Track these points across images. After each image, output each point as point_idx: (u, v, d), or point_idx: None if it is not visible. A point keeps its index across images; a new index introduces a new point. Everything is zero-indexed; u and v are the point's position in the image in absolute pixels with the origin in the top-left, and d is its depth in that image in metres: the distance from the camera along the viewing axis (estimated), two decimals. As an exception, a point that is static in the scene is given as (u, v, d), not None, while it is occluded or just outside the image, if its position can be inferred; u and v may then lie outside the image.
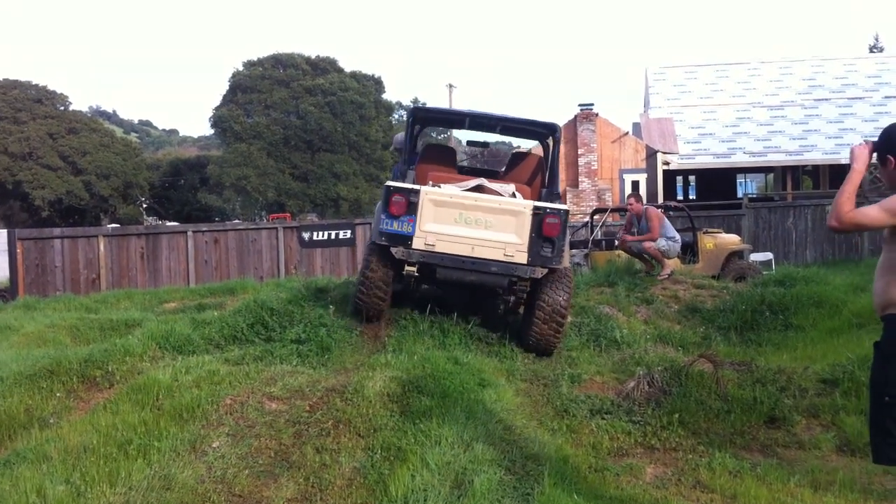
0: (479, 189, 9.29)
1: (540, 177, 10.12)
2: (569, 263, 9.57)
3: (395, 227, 8.73)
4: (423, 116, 10.51)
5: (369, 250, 9.29)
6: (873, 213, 4.02)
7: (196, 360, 7.71)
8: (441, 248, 8.74)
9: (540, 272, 8.73)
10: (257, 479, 5.60)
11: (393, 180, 9.29)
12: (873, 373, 4.17)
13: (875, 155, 4.20)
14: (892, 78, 37.15)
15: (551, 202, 9.21)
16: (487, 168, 10.59)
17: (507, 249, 8.70)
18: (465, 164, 10.80)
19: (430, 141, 10.03)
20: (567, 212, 8.87)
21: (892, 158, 4.09)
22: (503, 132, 10.47)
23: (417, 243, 8.74)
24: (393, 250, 8.76)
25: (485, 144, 10.69)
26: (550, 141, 9.97)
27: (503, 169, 10.48)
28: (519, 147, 9.80)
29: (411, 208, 8.73)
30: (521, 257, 8.69)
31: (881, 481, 5.43)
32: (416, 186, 8.87)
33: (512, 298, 9.21)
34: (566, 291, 8.87)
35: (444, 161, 10.18)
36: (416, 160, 10.00)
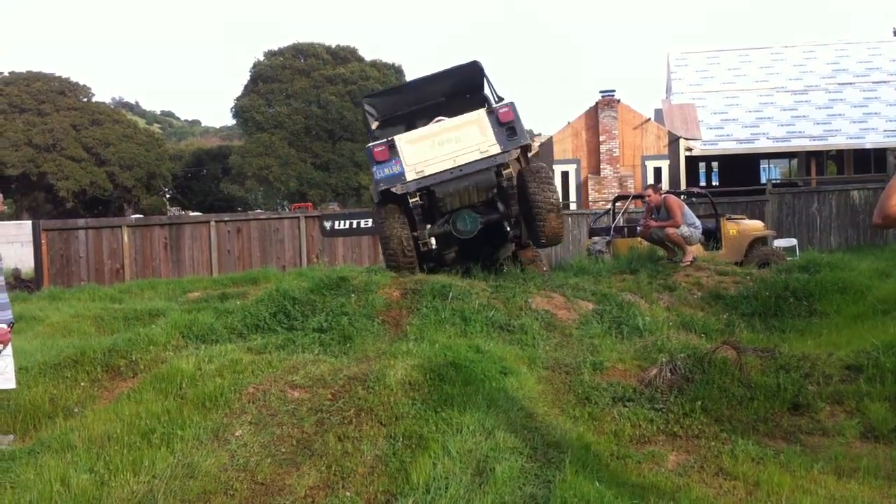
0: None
1: (484, 104, 11.26)
2: (532, 144, 11.52)
3: (387, 171, 10.44)
4: (376, 102, 12.08)
5: (378, 208, 11.00)
6: None
7: (219, 349, 7.75)
8: (430, 170, 10.42)
9: (514, 152, 10.50)
10: (279, 467, 5.63)
11: None
12: None
13: None
14: (917, 61, 36.75)
15: None
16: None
17: (482, 146, 10.42)
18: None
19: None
20: (513, 102, 10.65)
21: None
22: (445, 90, 11.88)
23: (410, 175, 10.42)
24: (393, 189, 10.38)
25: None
26: (478, 74, 11.53)
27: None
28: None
29: (393, 152, 10.47)
30: (494, 148, 10.41)
31: (906, 468, 5.38)
32: (391, 137, 10.68)
33: (512, 207, 10.69)
34: (549, 185, 10.65)
35: (402, 128, 11.62)
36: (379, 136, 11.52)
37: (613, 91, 32.17)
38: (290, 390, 6.61)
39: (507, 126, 10.41)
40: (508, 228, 11.22)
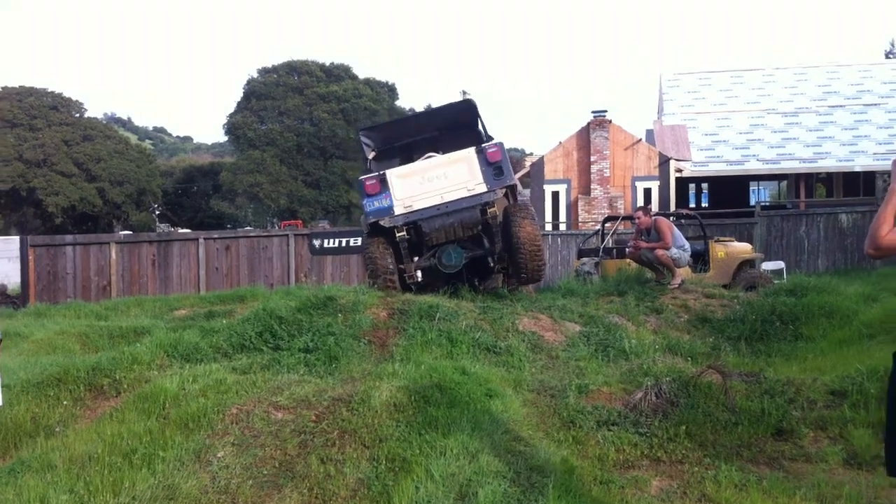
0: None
1: (476, 141, 11.66)
2: (520, 185, 12.10)
3: (377, 204, 10.82)
4: (371, 134, 12.66)
5: (365, 237, 11.40)
6: None
7: (203, 368, 7.72)
8: (418, 206, 10.79)
9: (500, 192, 10.87)
10: (261, 489, 5.60)
11: None
12: (890, 383, 4.10)
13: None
14: (907, 84, 36.96)
15: None
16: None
17: (469, 185, 10.78)
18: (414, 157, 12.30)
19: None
20: (502, 143, 11.09)
21: None
22: (439, 125, 12.36)
23: (398, 210, 10.80)
24: (381, 223, 10.77)
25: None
26: (471, 112, 12.10)
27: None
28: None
29: (384, 186, 10.82)
30: (481, 187, 10.76)
31: (888, 495, 5.36)
32: (382, 171, 11.04)
33: (496, 243, 11.03)
34: (532, 222, 10.87)
35: (397, 162, 11.98)
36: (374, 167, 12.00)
37: (605, 111, 32.29)
38: (274, 411, 6.59)
39: (494, 166, 10.76)
40: (492, 264, 11.59)
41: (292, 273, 21.77)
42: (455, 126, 12.26)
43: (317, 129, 61.63)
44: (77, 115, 63.43)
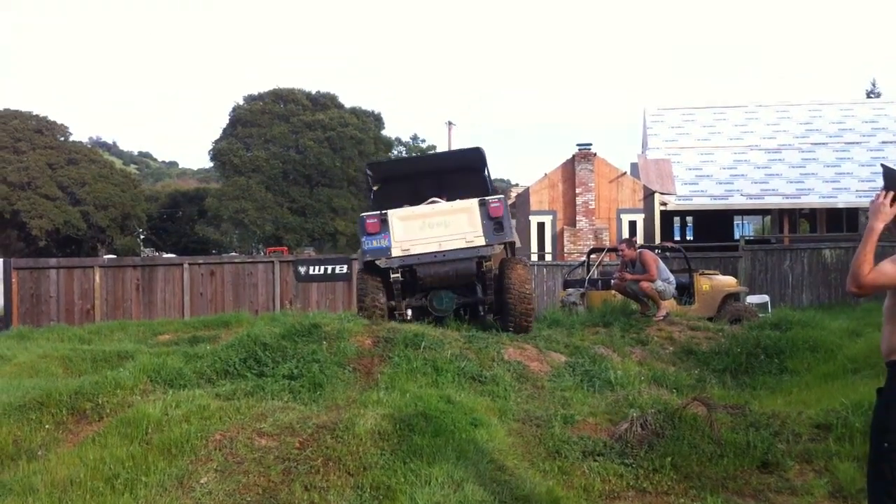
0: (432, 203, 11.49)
1: (480, 188, 12.15)
2: (519, 244, 12.15)
3: (375, 244, 10.85)
4: (378, 169, 13.11)
5: (360, 273, 11.54)
6: (889, 269, 3.90)
7: (187, 394, 7.66)
8: (415, 250, 10.83)
9: (498, 248, 10.94)
10: (244, 516, 5.55)
11: None
12: (874, 418, 4.14)
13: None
14: (888, 123, 37.37)
15: None
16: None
17: (468, 237, 10.79)
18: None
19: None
20: (504, 197, 11.25)
21: None
22: (446, 168, 12.75)
23: (395, 252, 10.82)
24: (378, 262, 10.81)
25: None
26: (480, 159, 12.36)
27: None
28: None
29: (384, 227, 10.87)
30: (480, 240, 10.77)
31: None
32: (385, 211, 11.05)
33: (488, 292, 11.16)
34: (526, 278, 10.96)
35: (400, 201, 11.95)
36: (376, 206, 11.93)
37: (590, 144, 32.53)
38: (258, 438, 6.54)
39: (495, 221, 10.82)
40: (482, 312, 11.78)
41: (277, 299, 21.70)
42: (461, 170, 12.49)
43: (303, 157, 61.69)
44: (62, 138, 63.27)
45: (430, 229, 10.90)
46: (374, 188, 12.54)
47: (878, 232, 3.94)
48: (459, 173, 12.50)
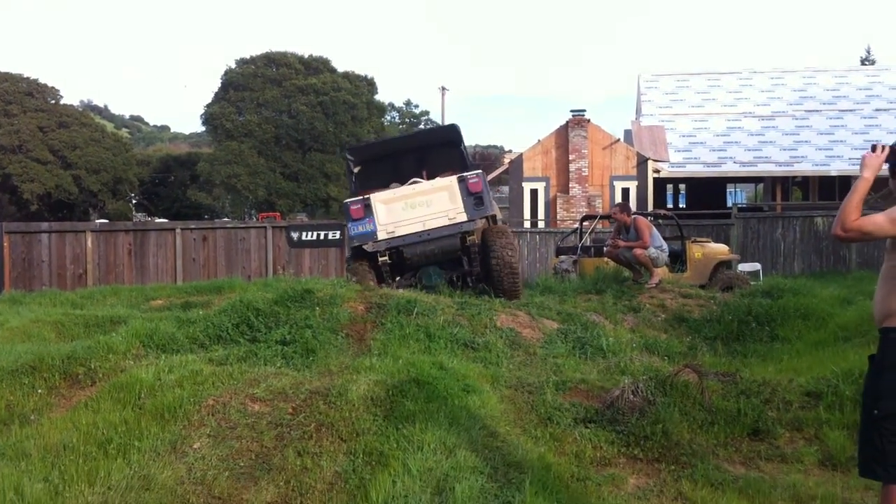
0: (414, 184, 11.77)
1: (459, 167, 12.34)
2: (501, 216, 12.52)
3: (361, 228, 11.20)
4: (358, 152, 13.44)
5: (349, 259, 11.89)
6: (880, 220, 3.99)
7: (179, 359, 7.65)
8: (400, 232, 11.16)
9: (480, 222, 11.26)
10: (237, 481, 5.57)
11: None
12: (866, 385, 4.18)
13: (888, 166, 4.15)
14: (882, 91, 37.34)
15: None
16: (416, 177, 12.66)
17: (450, 213, 11.14)
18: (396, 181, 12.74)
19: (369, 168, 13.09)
20: (482, 172, 11.60)
21: None
22: (424, 145, 13.15)
23: (381, 235, 11.15)
24: (365, 246, 11.13)
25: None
26: (456, 135, 12.69)
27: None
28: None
29: (368, 211, 11.19)
30: (462, 216, 11.13)
31: (862, 497, 5.42)
32: (367, 195, 11.39)
33: (474, 265, 11.50)
34: (510, 247, 11.20)
35: (380, 185, 12.42)
36: (358, 190, 12.34)
37: (584, 111, 32.42)
38: (251, 403, 6.55)
39: (475, 196, 11.19)
40: (471, 283, 12.00)
41: (270, 265, 21.68)
42: (440, 145, 12.94)
43: (295, 122, 61.41)
44: (53, 101, 62.84)
45: (412, 210, 11.22)
46: (355, 171, 12.83)
47: (868, 182, 4.04)
48: (438, 149, 12.91)
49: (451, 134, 12.86)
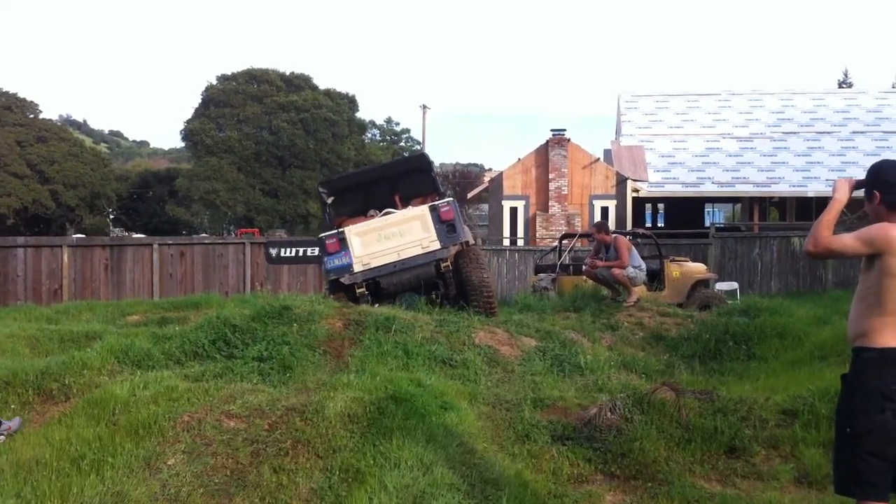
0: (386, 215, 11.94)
1: (431, 192, 12.73)
2: (473, 241, 12.59)
3: (337, 262, 11.35)
4: (331, 185, 13.43)
5: (327, 290, 12.06)
6: (848, 240, 4.10)
7: (155, 375, 7.59)
8: (375, 263, 11.32)
9: (453, 249, 11.41)
10: (212, 498, 5.53)
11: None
12: (839, 404, 4.22)
13: (862, 190, 4.27)
14: (860, 114, 37.67)
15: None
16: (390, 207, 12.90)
17: (423, 242, 11.33)
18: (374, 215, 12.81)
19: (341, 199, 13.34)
20: (453, 200, 11.84)
21: (877, 193, 4.16)
22: (395, 174, 13.13)
23: (357, 267, 11.31)
24: (342, 279, 11.30)
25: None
26: (426, 163, 13.18)
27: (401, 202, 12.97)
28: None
29: (343, 245, 11.35)
30: (435, 244, 11.32)
31: (838, 514, 5.43)
32: (342, 228, 11.62)
33: (450, 288, 11.74)
34: (482, 268, 11.56)
35: (355, 212, 12.82)
36: (333, 220, 12.79)
37: (564, 130, 32.49)
38: (226, 420, 6.50)
39: (447, 224, 11.39)
40: (448, 304, 11.98)
41: (248, 281, 21.61)
42: (410, 172, 13.20)
43: (276, 138, 61.39)
44: (31, 115, 62.66)
45: (387, 241, 11.41)
46: (329, 201, 13.03)
47: (840, 203, 4.22)
48: (409, 176, 13.13)
49: (420, 162, 13.34)
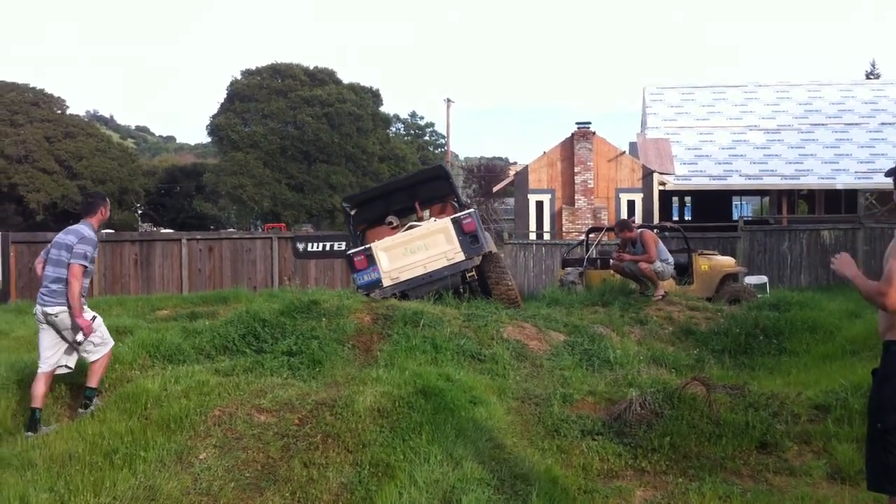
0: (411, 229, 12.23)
1: (451, 200, 13.24)
2: (495, 248, 12.96)
3: (366, 278, 11.63)
4: (355, 199, 13.70)
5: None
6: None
7: (186, 369, 7.65)
8: (404, 276, 11.63)
9: (477, 259, 11.73)
10: (243, 492, 5.56)
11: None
12: (870, 399, 4.18)
13: (891, 180, 4.34)
14: (888, 105, 37.26)
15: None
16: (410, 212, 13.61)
17: (448, 254, 11.61)
18: (393, 221, 13.31)
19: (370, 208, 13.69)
20: (475, 211, 12.08)
21: None
22: (415, 189, 13.31)
23: (386, 282, 11.61)
24: (372, 294, 11.44)
25: None
26: (444, 174, 13.41)
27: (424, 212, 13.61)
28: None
29: (371, 261, 11.63)
30: (459, 256, 11.59)
31: (872, 510, 5.38)
32: (368, 245, 11.93)
33: (476, 294, 12.11)
34: (501, 269, 12.23)
35: (374, 219, 13.33)
36: (356, 227, 13.33)
37: (589, 123, 32.33)
38: (257, 414, 6.54)
39: (470, 235, 11.64)
40: (474, 298, 12.33)
41: (275, 276, 21.70)
42: (430, 181, 13.50)
43: (301, 133, 61.46)
44: (59, 111, 63.05)
45: (413, 254, 11.69)
46: (352, 213, 13.38)
47: (859, 276, 4.31)
48: (428, 184, 13.42)
49: (438, 173, 13.56)
